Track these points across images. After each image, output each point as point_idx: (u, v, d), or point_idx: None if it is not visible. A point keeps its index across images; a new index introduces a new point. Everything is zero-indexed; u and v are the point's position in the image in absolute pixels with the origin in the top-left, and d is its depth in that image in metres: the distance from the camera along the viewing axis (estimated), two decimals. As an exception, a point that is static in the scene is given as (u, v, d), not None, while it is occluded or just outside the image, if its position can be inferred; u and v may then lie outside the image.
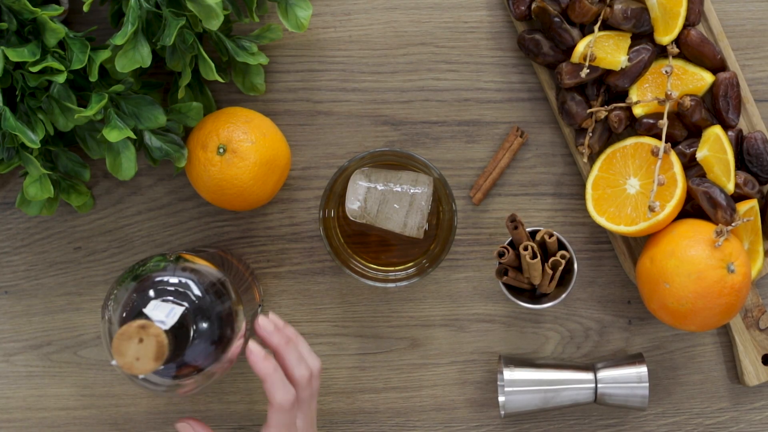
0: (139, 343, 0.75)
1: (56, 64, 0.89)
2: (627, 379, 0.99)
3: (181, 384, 0.83)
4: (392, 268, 0.99)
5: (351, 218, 0.97)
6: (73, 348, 1.03)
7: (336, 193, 0.98)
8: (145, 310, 0.80)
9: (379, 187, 0.96)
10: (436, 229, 0.98)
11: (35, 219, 1.03)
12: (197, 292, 0.83)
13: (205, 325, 0.82)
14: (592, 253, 1.03)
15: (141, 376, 0.81)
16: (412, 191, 0.96)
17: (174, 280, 0.83)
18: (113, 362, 0.76)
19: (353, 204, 0.96)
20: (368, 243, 1.00)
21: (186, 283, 0.83)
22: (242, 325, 0.87)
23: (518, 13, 0.99)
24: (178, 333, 0.79)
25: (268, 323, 0.90)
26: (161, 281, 0.83)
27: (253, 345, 0.87)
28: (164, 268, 0.84)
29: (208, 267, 0.86)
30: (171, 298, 0.82)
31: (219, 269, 0.87)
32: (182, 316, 0.80)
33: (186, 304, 0.82)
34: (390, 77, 1.02)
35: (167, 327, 0.78)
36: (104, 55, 0.90)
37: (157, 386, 0.84)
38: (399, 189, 0.96)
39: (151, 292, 0.82)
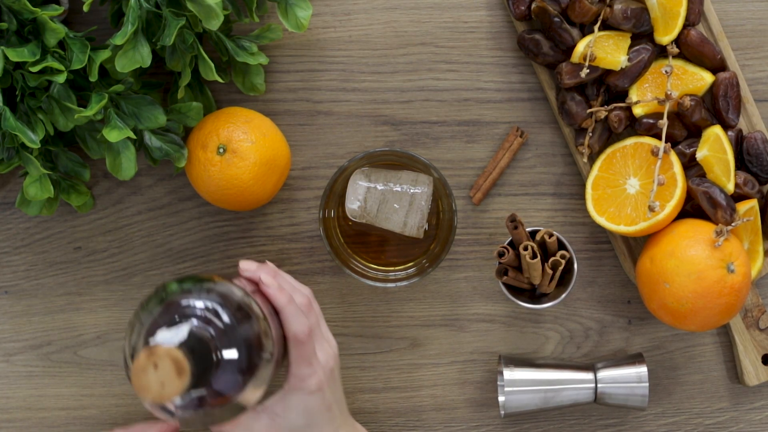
0: (155, 369, 0.70)
1: (56, 64, 0.89)
2: (627, 379, 0.99)
3: (211, 413, 0.78)
4: (392, 268, 0.99)
5: (351, 218, 0.97)
6: (73, 348, 1.03)
7: (336, 193, 0.98)
8: (151, 339, 0.76)
9: (379, 187, 0.96)
10: (436, 229, 0.98)
11: (35, 219, 1.03)
12: (225, 316, 0.79)
13: (232, 350, 0.78)
14: (592, 253, 1.03)
15: (177, 402, 0.76)
16: (411, 191, 0.96)
17: (199, 304, 0.79)
18: (146, 404, 0.71)
19: (353, 204, 0.96)
20: (368, 243, 1.00)
21: (211, 307, 0.79)
22: (271, 349, 0.82)
23: (518, 13, 0.99)
24: (196, 346, 0.75)
25: (248, 263, 0.89)
26: (187, 306, 0.79)
27: (265, 277, 0.85)
28: (188, 291, 0.80)
29: (233, 287, 0.82)
30: (195, 322, 0.77)
31: (245, 293, 0.83)
32: (198, 334, 0.76)
33: (194, 321, 0.78)
34: (390, 77, 1.02)
35: (176, 343, 0.74)
36: (104, 55, 0.90)
37: (188, 417, 0.79)
38: (399, 189, 0.96)
39: (175, 317, 0.78)
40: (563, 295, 0.97)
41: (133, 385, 0.70)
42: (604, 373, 0.99)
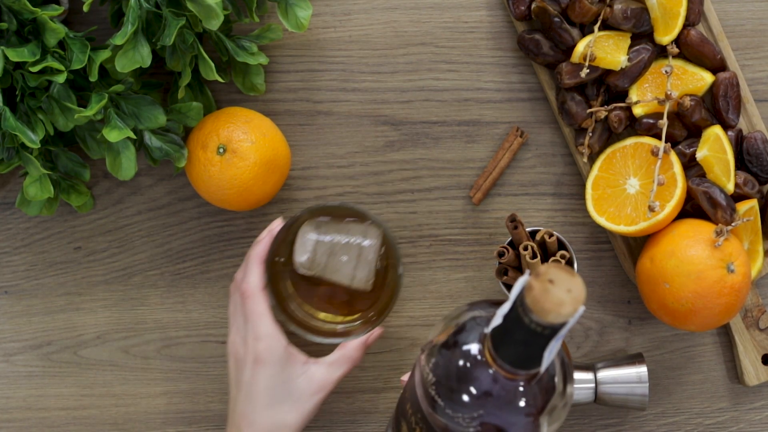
0: (553, 284, 0.63)
1: (56, 64, 0.89)
2: (627, 379, 0.99)
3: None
4: (340, 318, 0.98)
5: (300, 271, 0.97)
6: (73, 348, 1.03)
7: (287, 241, 0.96)
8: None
9: (329, 239, 0.96)
10: (384, 280, 0.96)
11: (35, 219, 1.03)
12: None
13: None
14: (592, 253, 1.03)
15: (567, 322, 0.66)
16: (360, 244, 0.96)
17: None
18: (569, 320, 0.63)
19: (302, 257, 0.95)
20: (317, 295, 0.99)
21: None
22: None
23: (518, 13, 0.99)
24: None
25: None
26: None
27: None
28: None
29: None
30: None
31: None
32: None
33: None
34: (390, 77, 1.02)
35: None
36: (104, 55, 0.90)
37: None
38: (348, 241, 0.96)
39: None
40: (563, 295, 0.97)
41: (542, 314, 0.63)
42: (604, 373, 0.99)
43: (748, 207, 0.97)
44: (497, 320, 0.67)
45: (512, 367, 0.68)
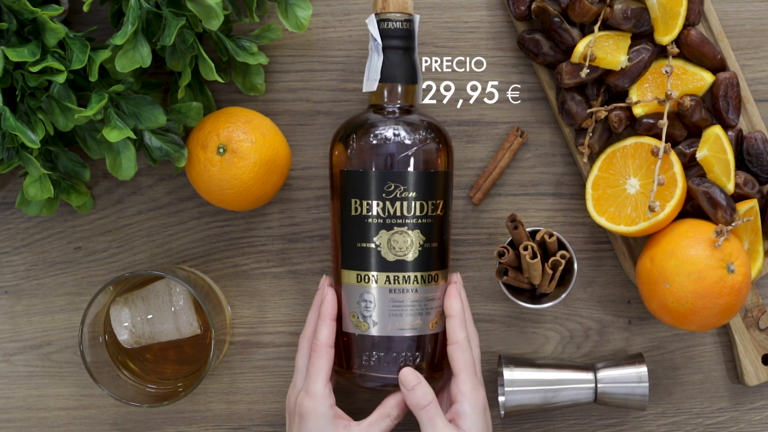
0: None
1: (56, 64, 0.89)
2: (627, 379, 0.99)
3: None
4: (181, 380, 1.00)
5: (128, 347, 0.98)
6: (73, 348, 1.03)
7: (99, 319, 0.98)
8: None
9: (140, 307, 0.97)
10: (210, 322, 0.96)
11: (35, 219, 1.03)
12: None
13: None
14: (592, 253, 1.03)
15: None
16: (170, 297, 0.97)
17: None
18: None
19: (123, 335, 0.98)
20: (152, 356, 1.01)
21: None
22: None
23: (518, 13, 0.99)
24: None
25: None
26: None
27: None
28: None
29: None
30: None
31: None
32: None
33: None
34: (390, 77, 1.02)
35: None
36: (104, 55, 0.90)
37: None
38: (158, 301, 0.97)
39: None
40: (563, 295, 0.97)
41: (398, 6, 0.92)
42: (604, 373, 0.99)
43: (748, 207, 0.97)
44: (377, 63, 0.93)
45: (403, 83, 0.93)
